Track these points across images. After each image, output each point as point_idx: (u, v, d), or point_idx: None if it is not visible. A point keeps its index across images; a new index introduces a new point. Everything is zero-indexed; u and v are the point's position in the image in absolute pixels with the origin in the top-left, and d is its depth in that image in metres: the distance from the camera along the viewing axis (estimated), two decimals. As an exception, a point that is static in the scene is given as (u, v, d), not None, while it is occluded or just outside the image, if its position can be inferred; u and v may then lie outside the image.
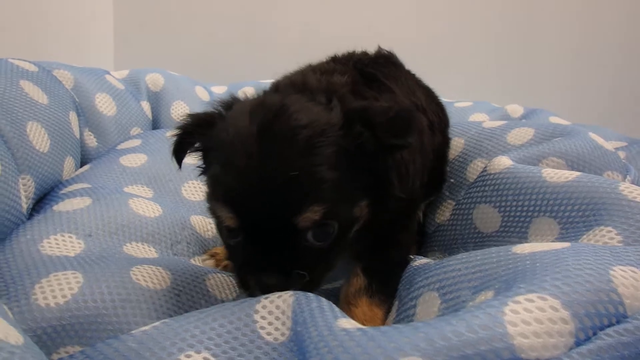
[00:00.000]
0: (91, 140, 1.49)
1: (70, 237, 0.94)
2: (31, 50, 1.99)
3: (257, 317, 0.67)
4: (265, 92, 0.90)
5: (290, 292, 0.70)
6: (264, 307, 0.68)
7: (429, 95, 1.22)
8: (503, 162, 1.13)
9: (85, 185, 1.16)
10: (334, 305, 0.66)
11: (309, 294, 0.69)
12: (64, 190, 1.14)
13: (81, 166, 1.41)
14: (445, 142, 1.27)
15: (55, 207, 1.02)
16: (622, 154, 1.33)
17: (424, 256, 1.25)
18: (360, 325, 0.57)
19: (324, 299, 0.67)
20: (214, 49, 2.63)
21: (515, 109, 1.86)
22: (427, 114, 1.11)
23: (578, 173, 1.01)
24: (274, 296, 0.70)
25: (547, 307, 0.52)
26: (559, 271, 0.57)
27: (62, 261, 0.85)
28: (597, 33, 2.60)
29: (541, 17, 2.60)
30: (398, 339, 0.50)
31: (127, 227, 1.03)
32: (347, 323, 0.58)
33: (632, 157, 1.40)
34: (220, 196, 0.75)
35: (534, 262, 0.62)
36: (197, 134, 0.83)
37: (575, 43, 2.62)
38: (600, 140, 1.28)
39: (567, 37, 2.61)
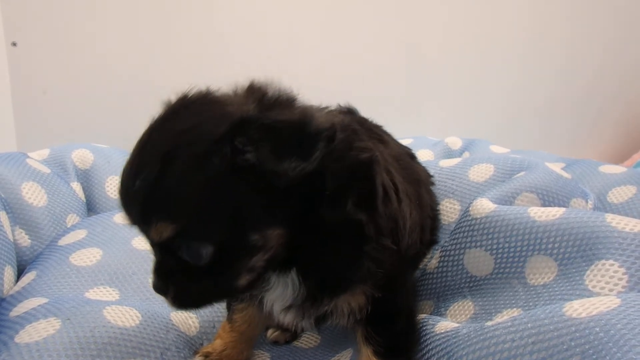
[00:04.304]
0: (24, 239, 1.29)
1: (47, 377, 0.78)
2: None
3: None
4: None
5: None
6: None
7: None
8: (485, 204, 1.15)
9: (42, 301, 0.98)
10: None
11: None
12: (17, 312, 0.95)
13: (19, 272, 1.20)
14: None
15: (17, 339, 0.84)
16: (569, 176, 1.41)
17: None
18: None
19: None
20: (134, 113, 2.41)
21: (455, 141, 1.92)
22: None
23: (564, 209, 1.04)
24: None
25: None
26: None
27: (50, 414, 0.70)
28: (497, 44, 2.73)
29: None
30: None
31: (110, 344, 0.88)
32: None
33: (578, 179, 1.50)
34: None
35: (606, 330, 0.61)
36: None
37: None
38: (557, 169, 1.35)
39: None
